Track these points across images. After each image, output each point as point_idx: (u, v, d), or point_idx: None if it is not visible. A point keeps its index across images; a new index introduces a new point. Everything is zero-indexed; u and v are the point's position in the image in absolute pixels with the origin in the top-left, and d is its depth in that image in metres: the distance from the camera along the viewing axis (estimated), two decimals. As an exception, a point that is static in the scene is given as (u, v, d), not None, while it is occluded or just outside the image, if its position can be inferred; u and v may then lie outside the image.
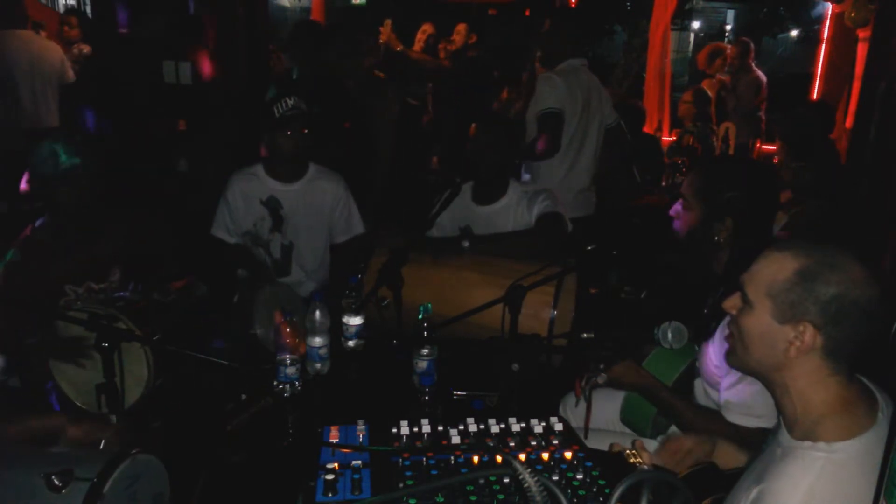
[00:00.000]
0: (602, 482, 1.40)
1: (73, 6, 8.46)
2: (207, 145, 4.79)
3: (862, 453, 1.15)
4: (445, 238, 2.77)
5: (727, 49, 6.69)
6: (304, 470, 1.46)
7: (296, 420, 1.79)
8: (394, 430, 1.60)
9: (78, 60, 5.69)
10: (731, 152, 5.41)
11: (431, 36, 6.27)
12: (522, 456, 1.50)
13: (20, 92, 4.88)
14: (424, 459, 1.47)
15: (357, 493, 1.37)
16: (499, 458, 1.42)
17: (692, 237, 1.94)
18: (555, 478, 1.40)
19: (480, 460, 1.45)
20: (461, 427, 1.61)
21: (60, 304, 2.27)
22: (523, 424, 1.63)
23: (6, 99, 4.85)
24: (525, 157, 3.71)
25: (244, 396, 1.88)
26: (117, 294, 2.33)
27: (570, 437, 1.60)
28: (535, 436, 1.59)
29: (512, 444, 1.55)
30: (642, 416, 1.93)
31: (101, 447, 1.58)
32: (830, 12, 6.06)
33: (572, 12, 6.90)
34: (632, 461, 1.42)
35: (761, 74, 6.51)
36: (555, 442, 1.57)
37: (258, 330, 2.27)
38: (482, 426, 1.62)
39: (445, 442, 1.54)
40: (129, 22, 5.35)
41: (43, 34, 5.46)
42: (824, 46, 6.27)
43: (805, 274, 1.22)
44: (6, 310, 2.13)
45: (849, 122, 5.06)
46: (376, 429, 1.61)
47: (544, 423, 1.63)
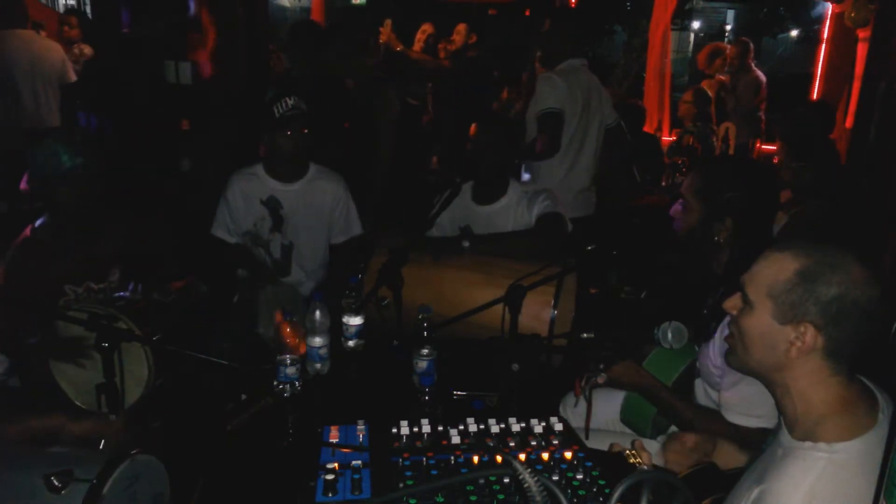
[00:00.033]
0: (602, 482, 1.40)
1: (73, 6, 8.45)
2: (207, 145, 4.79)
3: (863, 454, 1.15)
4: (445, 238, 2.77)
5: (727, 49, 6.70)
6: (304, 470, 1.47)
7: (296, 420, 1.79)
8: (394, 430, 1.59)
9: (79, 61, 5.69)
10: (731, 152, 5.41)
11: (431, 36, 6.27)
12: (522, 456, 1.49)
13: (21, 92, 4.86)
14: (424, 459, 1.47)
15: (357, 493, 1.37)
16: (499, 458, 1.42)
17: (692, 237, 1.94)
18: (555, 478, 1.40)
19: (480, 460, 1.45)
20: (461, 427, 1.61)
21: (60, 304, 2.27)
22: (523, 424, 1.63)
23: (6, 99, 4.83)
24: (525, 157, 3.71)
25: (244, 396, 1.88)
26: (117, 294, 2.33)
27: (570, 437, 1.60)
28: (535, 436, 1.59)
29: (512, 444, 1.55)
30: (642, 416, 1.93)
31: (101, 447, 1.58)
32: (830, 12, 6.06)
33: (572, 12, 6.89)
34: (632, 461, 1.42)
35: (761, 74, 6.50)
36: (555, 442, 1.57)
37: (262, 329, 2.27)
38: (482, 426, 1.62)
39: (445, 442, 1.54)
40: (130, 22, 5.34)
41: (43, 34, 5.45)
42: (824, 46, 6.27)
43: (806, 274, 1.22)
44: (6, 310, 2.13)
45: (849, 122, 5.06)
46: (376, 429, 1.61)
47: (544, 423, 1.63)
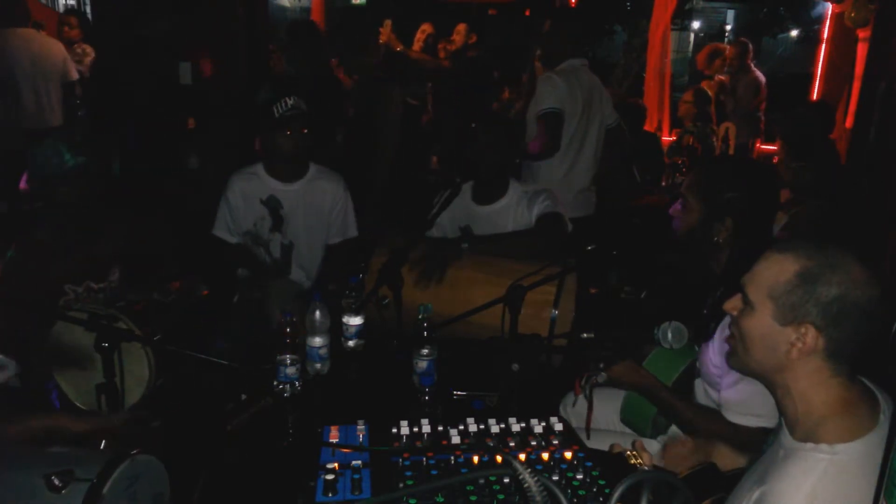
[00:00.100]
0: (602, 482, 1.40)
1: (73, 6, 8.45)
2: (208, 145, 4.79)
3: (864, 455, 1.15)
4: (445, 239, 2.76)
5: (726, 50, 6.70)
6: (304, 470, 1.46)
7: (296, 420, 1.79)
8: (394, 430, 1.59)
9: (82, 61, 5.68)
10: (731, 152, 5.41)
11: (431, 36, 6.27)
12: (522, 456, 1.49)
13: (21, 91, 4.83)
14: (424, 459, 1.47)
15: (357, 493, 1.37)
16: (499, 458, 1.41)
17: (692, 237, 1.94)
18: (555, 478, 1.40)
19: (480, 460, 1.45)
20: (461, 427, 1.61)
21: (60, 304, 2.27)
22: (523, 424, 1.63)
23: (7, 98, 4.81)
24: (525, 157, 3.71)
25: (244, 396, 1.87)
26: (117, 294, 2.33)
27: (570, 437, 1.60)
28: (535, 436, 1.59)
29: (512, 444, 1.55)
30: (642, 416, 1.93)
31: (102, 447, 1.58)
32: (830, 12, 6.07)
33: (572, 12, 6.88)
34: (632, 461, 1.42)
35: (760, 75, 6.50)
36: (555, 442, 1.57)
37: (274, 324, 2.26)
38: (482, 426, 1.62)
39: (445, 442, 1.54)
40: (130, 22, 5.34)
41: (43, 33, 5.45)
42: (824, 46, 6.27)
43: (806, 276, 1.22)
44: (6, 310, 2.13)
45: (849, 122, 5.06)
46: (376, 429, 1.61)
47: (544, 423, 1.63)
